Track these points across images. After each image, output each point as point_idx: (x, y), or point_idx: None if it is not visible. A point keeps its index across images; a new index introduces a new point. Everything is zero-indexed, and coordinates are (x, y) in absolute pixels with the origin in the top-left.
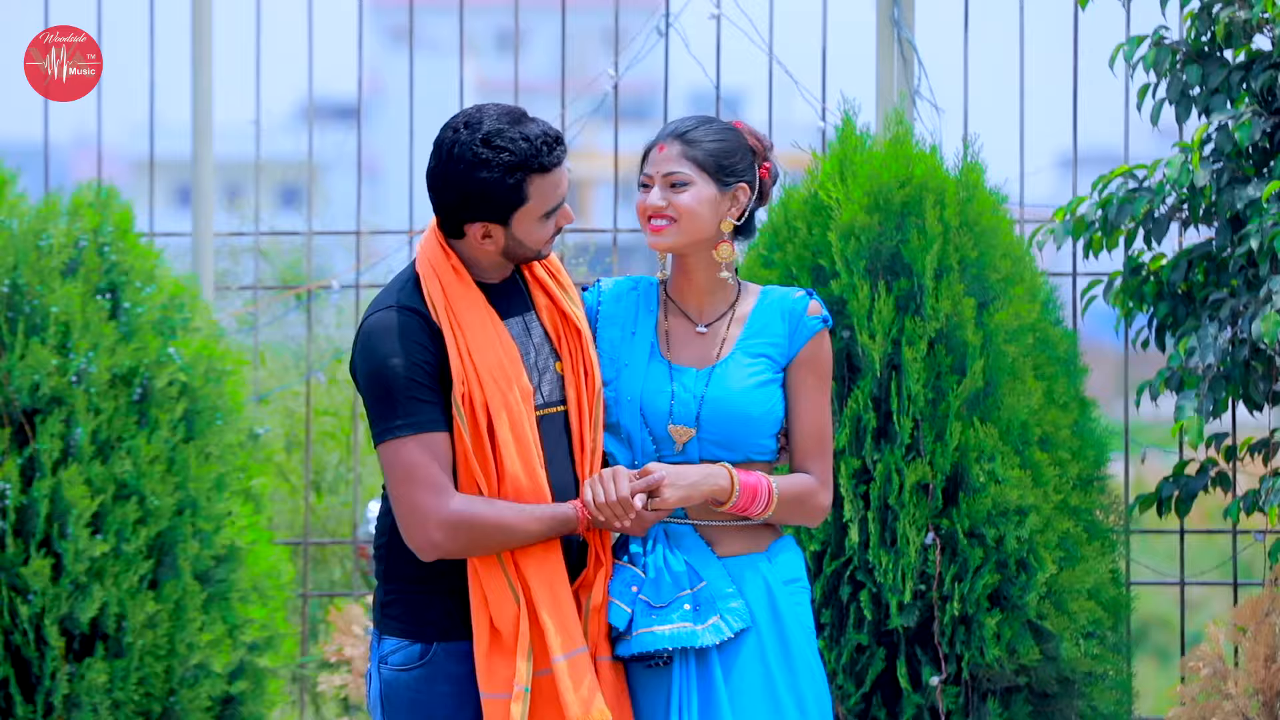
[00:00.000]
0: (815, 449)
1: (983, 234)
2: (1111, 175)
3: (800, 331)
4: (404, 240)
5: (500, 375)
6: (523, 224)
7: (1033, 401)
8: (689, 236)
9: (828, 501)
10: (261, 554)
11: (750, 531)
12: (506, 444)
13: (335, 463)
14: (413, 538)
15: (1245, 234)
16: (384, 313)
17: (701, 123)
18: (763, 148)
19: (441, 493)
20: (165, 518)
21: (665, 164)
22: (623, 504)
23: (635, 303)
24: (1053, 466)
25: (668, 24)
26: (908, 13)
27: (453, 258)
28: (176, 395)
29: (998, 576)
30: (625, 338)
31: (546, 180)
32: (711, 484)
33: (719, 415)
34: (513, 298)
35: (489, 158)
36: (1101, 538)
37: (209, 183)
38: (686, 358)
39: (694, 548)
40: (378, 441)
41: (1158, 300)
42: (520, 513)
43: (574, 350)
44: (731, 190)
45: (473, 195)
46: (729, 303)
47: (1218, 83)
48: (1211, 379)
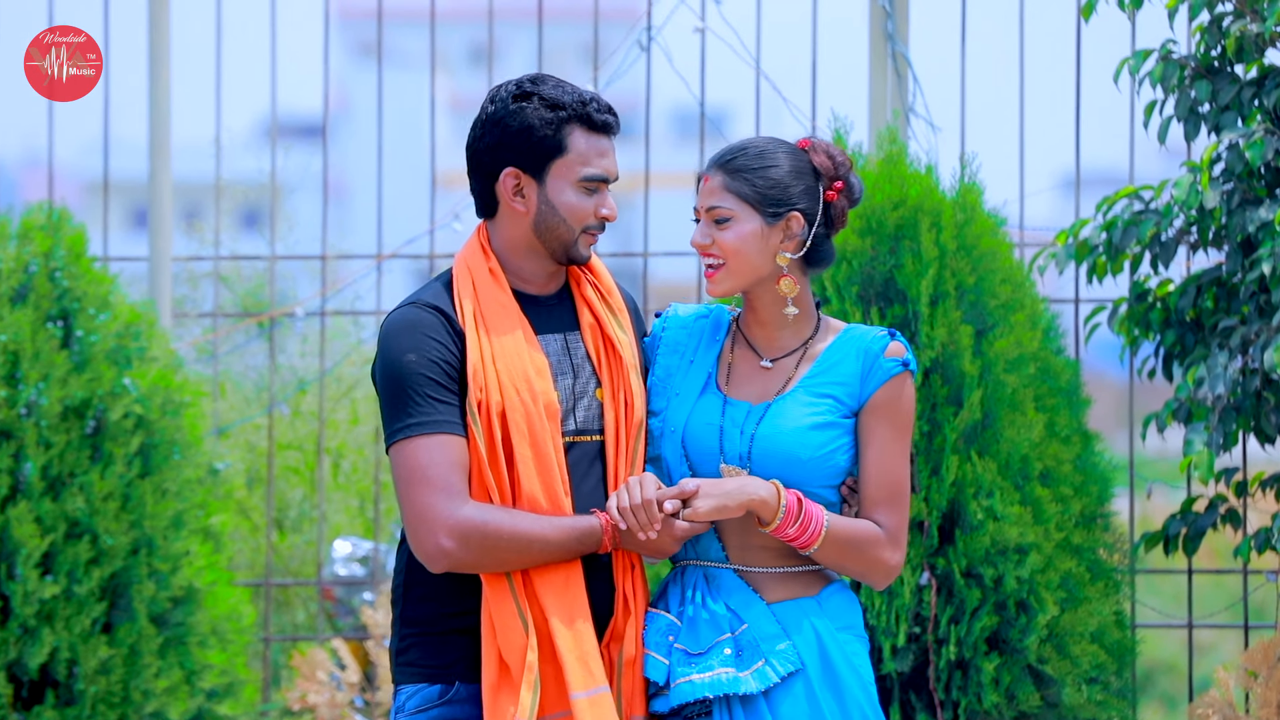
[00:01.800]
0: (884, 500)
1: (981, 258)
2: (1116, 196)
3: (875, 373)
4: (372, 265)
5: (525, 386)
6: (558, 183)
7: (1033, 434)
8: (742, 278)
9: (895, 560)
10: (221, 596)
11: (800, 578)
12: (525, 460)
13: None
14: (421, 545)
15: (1257, 258)
16: (404, 309)
17: (751, 147)
18: (833, 166)
19: (454, 496)
20: (119, 557)
21: (708, 197)
22: (648, 508)
23: (701, 332)
24: (1054, 503)
25: (650, 37)
26: (902, 26)
27: (491, 259)
28: (132, 428)
29: (996, 618)
30: (682, 366)
31: (590, 139)
32: (749, 494)
33: (768, 455)
34: (557, 313)
35: (532, 90)
36: (1105, 578)
37: (166, 204)
38: (746, 392)
39: (736, 591)
40: (389, 443)
41: (1165, 328)
42: (539, 522)
43: (615, 377)
44: (782, 221)
45: (510, 131)
46: (801, 339)
47: (1228, 99)
48: (1221, 410)
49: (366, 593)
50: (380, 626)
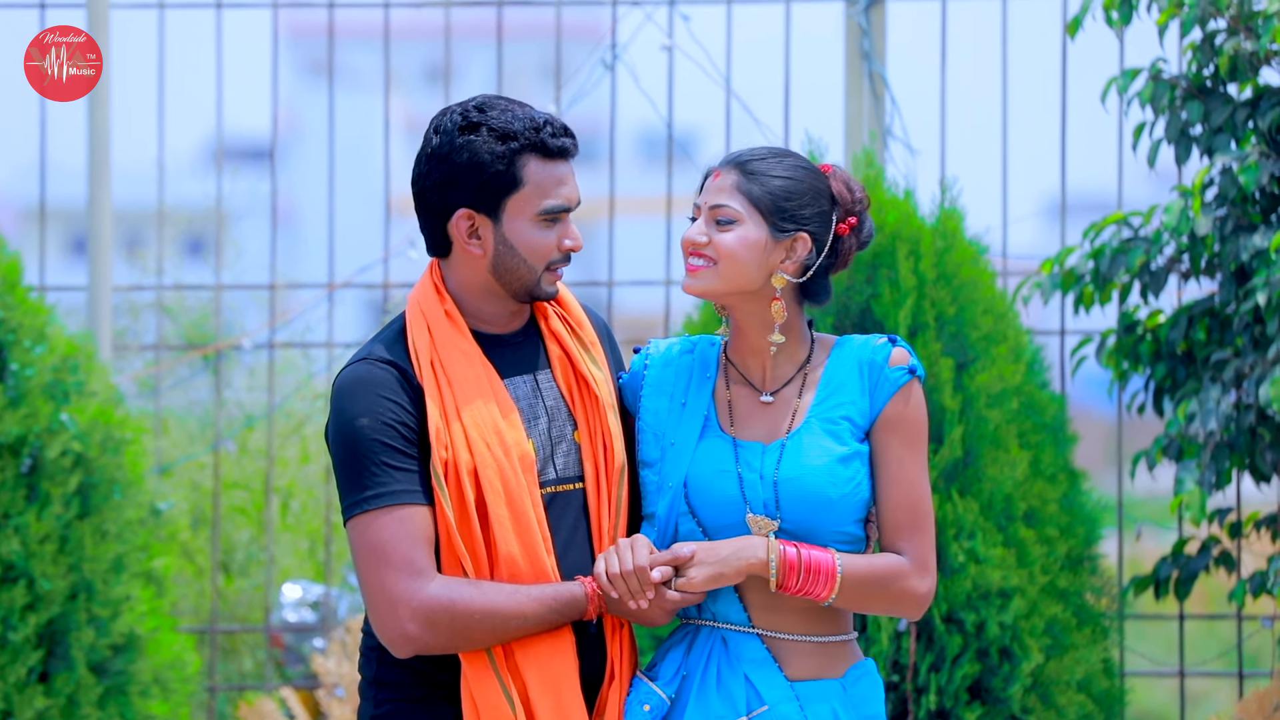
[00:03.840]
0: (907, 524)
1: (961, 287)
2: (1104, 223)
3: (882, 387)
4: (323, 295)
5: (495, 439)
6: (515, 220)
7: (1017, 473)
8: (727, 284)
9: (925, 588)
10: (164, 643)
11: (826, 650)
12: (501, 521)
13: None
14: (383, 629)
15: (1251, 288)
16: (355, 367)
17: (772, 154)
18: (851, 199)
19: (417, 575)
20: (57, 603)
21: (716, 195)
22: (639, 575)
23: (689, 368)
24: (1039, 545)
25: (615, 55)
26: (879, 44)
27: (447, 300)
28: (70, 467)
29: (978, 666)
30: (673, 410)
31: (546, 168)
32: (747, 558)
33: (796, 500)
34: (523, 353)
35: (479, 120)
36: (1093, 623)
37: (106, 231)
38: (753, 432)
39: (759, 664)
40: (346, 518)
41: (1155, 361)
42: (513, 595)
43: (591, 418)
44: (788, 239)
45: (458, 168)
46: (797, 364)
47: (1221, 121)
48: (1214, 448)
49: (317, 639)
50: (331, 675)
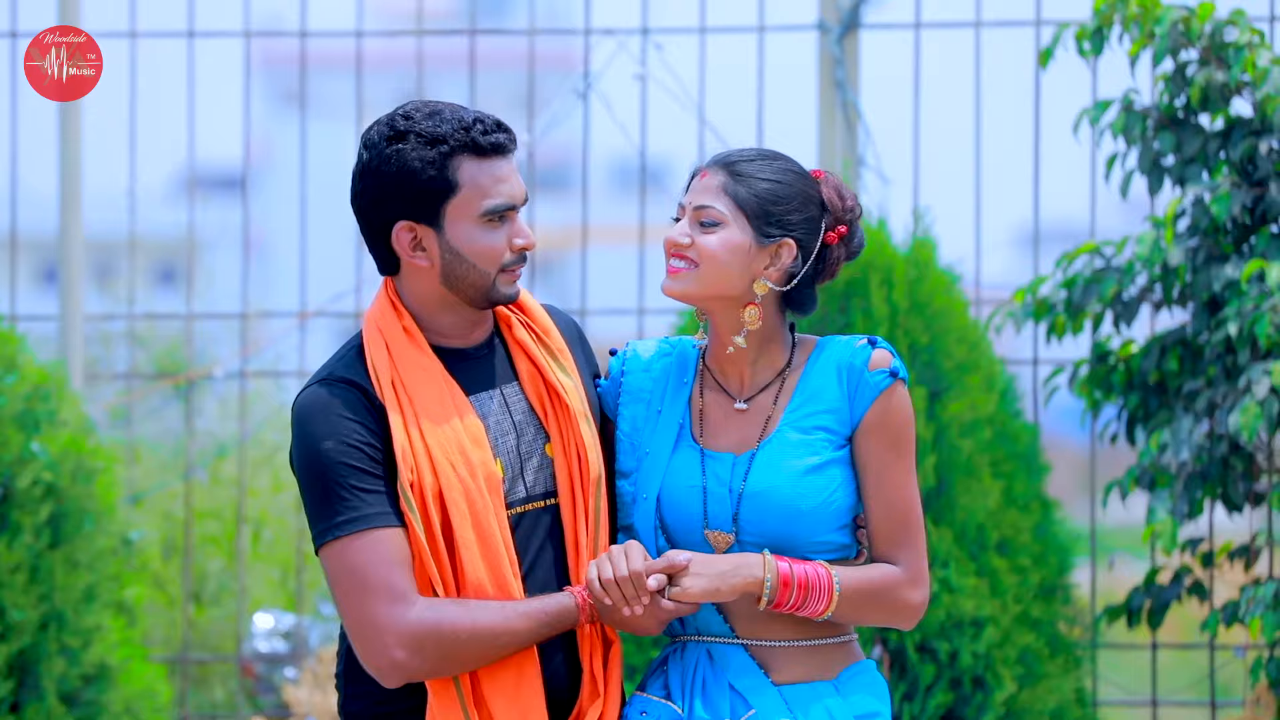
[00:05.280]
0: (898, 533)
1: (934, 317)
2: (1076, 253)
3: (862, 391)
4: (295, 324)
5: (460, 460)
6: (458, 226)
7: (990, 502)
8: (707, 288)
9: (919, 598)
10: (135, 673)
11: (817, 653)
12: (468, 545)
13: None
14: (370, 659)
15: (1223, 318)
16: (314, 389)
17: (762, 156)
18: (842, 207)
19: (399, 600)
20: (28, 633)
21: (700, 195)
22: (635, 581)
23: (666, 374)
24: (1012, 574)
25: (587, 84)
26: (852, 73)
27: (404, 316)
28: (41, 496)
29: (951, 695)
30: (650, 418)
31: (482, 167)
32: (745, 576)
33: (761, 514)
34: (488, 367)
35: (405, 129)
36: (1065, 653)
37: (78, 260)
38: (724, 442)
39: (743, 672)
40: (318, 546)
41: (1127, 390)
42: (502, 611)
43: (563, 429)
44: (773, 245)
45: (390, 180)
46: (776, 370)
47: (1193, 151)
48: (1186, 477)
49: (289, 669)
50: (303, 704)
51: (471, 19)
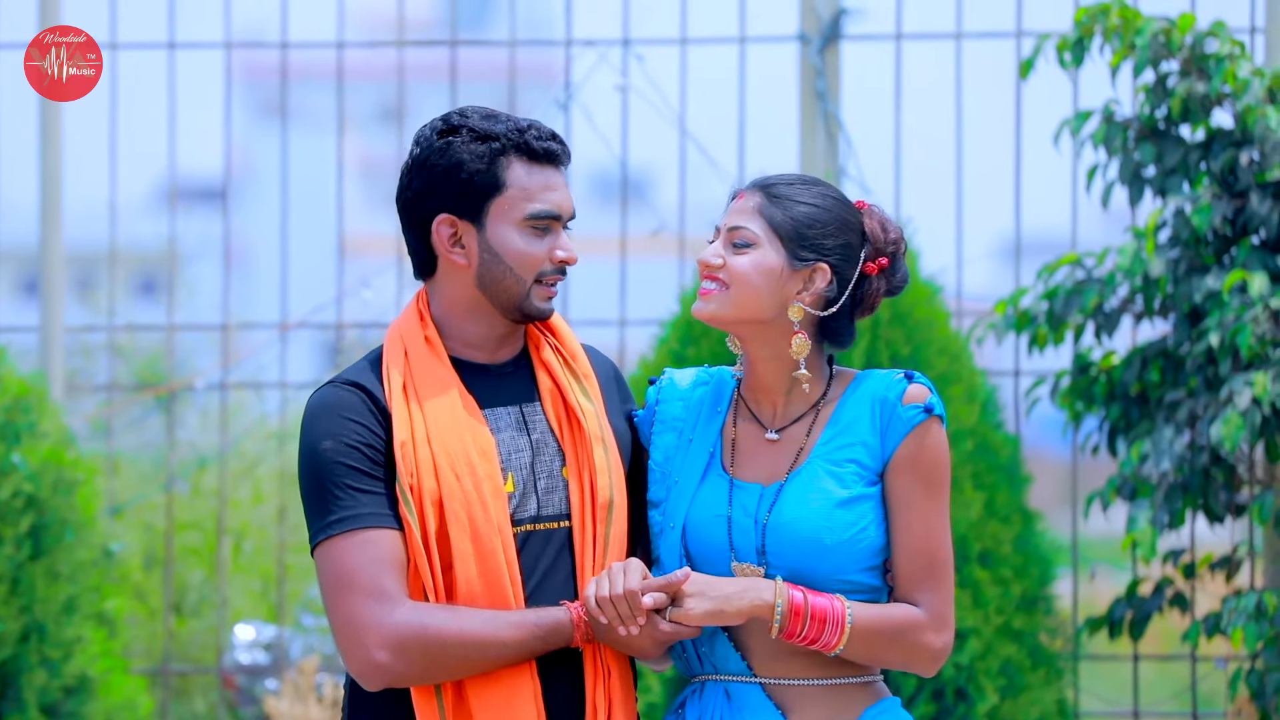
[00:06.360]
0: (923, 575)
1: (916, 328)
2: (1058, 264)
3: (895, 426)
4: (276, 335)
5: (466, 470)
6: (499, 226)
7: (971, 513)
8: (739, 311)
9: (940, 643)
10: (116, 684)
11: (840, 692)
12: (464, 557)
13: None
14: (352, 659)
15: (1204, 329)
16: (321, 391)
17: (801, 181)
18: (884, 239)
19: (385, 601)
20: (8, 644)
21: (736, 216)
22: (630, 600)
23: (700, 403)
24: (994, 585)
25: (568, 95)
26: (833, 84)
27: (429, 326)
28: (21, 508)
29: (934, 707)
30: (681, 446)
31: (532, 171)
32: (752, 600)
33: (786, 546)
34: (511, 383)
35: (459, 123)
36: (1047, 664)
37: (58, 271)
38: (754, 473)
39: (761, 713)
40: (313, 546)
41: (1109, 401)
42: (493, 620)
43: (578, 452)
44: (807, 269)
45: (438, 172)
46: (810, 402)
47: (1174, 162)
48: (1168, 488)
49: (270, 681)
50: (284, 716)
51: (453, 30)
